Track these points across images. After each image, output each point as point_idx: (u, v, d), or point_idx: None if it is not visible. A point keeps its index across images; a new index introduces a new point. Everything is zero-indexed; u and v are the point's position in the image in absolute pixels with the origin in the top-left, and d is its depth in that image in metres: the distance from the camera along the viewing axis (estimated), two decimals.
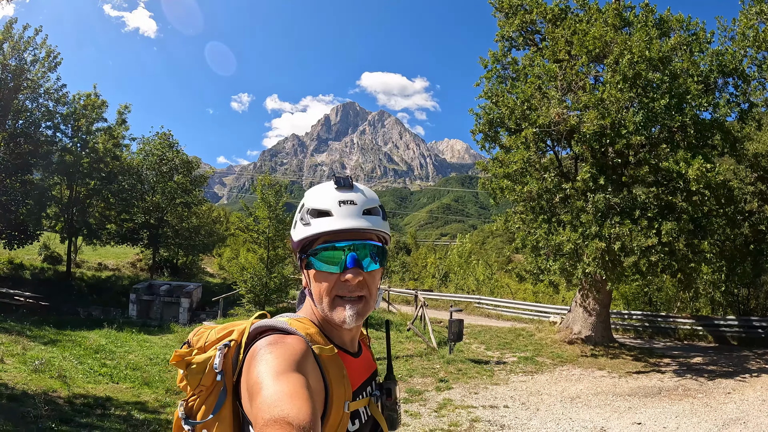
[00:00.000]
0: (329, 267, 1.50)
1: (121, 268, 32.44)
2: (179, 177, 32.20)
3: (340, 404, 1.41)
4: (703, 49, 16.15)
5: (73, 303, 23.24)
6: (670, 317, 21.85)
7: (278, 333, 1.45)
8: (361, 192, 1.58)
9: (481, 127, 17.46)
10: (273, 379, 1.23)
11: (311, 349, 1.41)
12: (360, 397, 1.54)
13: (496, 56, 18.67)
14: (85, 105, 27.64)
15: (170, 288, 24.51)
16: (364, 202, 1.55)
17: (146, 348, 15.80)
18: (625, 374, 13.99)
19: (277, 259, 21.09)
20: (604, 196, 14.26)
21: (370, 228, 1.53)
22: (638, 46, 14.23)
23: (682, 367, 14.87)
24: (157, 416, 8.63)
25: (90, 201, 27.96)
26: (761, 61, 17.68)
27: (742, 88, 16.31)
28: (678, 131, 14.79)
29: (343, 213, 1.50)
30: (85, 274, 28.30)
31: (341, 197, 1.53)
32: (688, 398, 11.30)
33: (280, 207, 21.62)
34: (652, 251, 13.57)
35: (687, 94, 14.43)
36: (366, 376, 1.63)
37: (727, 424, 9.18)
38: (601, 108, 14.13)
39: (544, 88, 15.92)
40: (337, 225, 1.49)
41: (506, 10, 19.06)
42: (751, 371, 13.98)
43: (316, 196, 1.56)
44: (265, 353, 1.33)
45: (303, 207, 1.57)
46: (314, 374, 1.36)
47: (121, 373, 11.84)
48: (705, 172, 13.08)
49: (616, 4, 17.69)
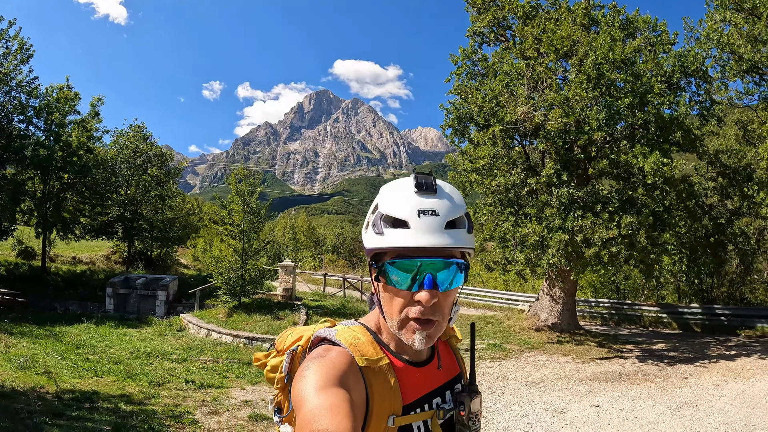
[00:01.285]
0: (401, 284, 1.38)
1: (95, 262, 32.36)
2: (153, 169, 32.18)
3: (382, 418, 1.37)
4: (667, 50, 16.59)
5: (49, 298, 23.24)
6: (636, 305, 22.47)
7: (327, 344, 1.45)
8: (446, 198, 1.40)
9: (450, 122, 17.77)
10: (314, 394, 1.23)
11: (355, 361, 1.37)
12: (417, 411, 1.46)
13: (466, 53, 18.94)
14: (58, 98, 27.42)
15: (146, 281, 24.64)
16: (447, 212, 1.37)
17: (126, 342, 16.07)
18: (588, 360, 14.54)
19: (252, 252, 21.35)
20: (568, 190, 14.80)
21: (452, 246, 1.36)
22: (602, 48, 14.72)
23: (645, 353, 15.41)
24: (143, 407, 8.98)
25: (64, 195, 27.87)
26: (725, 62, 18.40)
27: (704, 87, 16.82)
28: (640, 128, 15.36)
29: (423, 226, 1.34)
30: (60, 269, 28.21)
31: (421, 205, 1.36)
32: (646, 383, 11.83)
33: (254, 200, 21.86)
34: (612, 243, 14.18)
35: (649, 93, 14.93)
36: (433, 386, 1.53)
37: (680, 407, 9.68)
38: (566, 107, 14.62)
39: (512, 86, 16.31)
40: (413, 241, 1.34)
41: (479, 6, 19.39)
42: (710, 357, 14.53)
43: (392, 200, 1.40)
44: (307, 367, 1.32)
45: (377, 209, 1.43)
46: (357, 387, 1.33)
47: (104, 367, 12.18)
48: (661, 166, 13.61)
49: (586, 3, 18.13)
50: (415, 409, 1.45)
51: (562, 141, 15.16)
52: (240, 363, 14.01)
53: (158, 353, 14.77)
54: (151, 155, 32.76)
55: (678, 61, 16.07)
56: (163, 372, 12.49)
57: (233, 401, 10.29)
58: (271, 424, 8.85)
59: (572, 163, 15.94)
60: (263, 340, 16.55)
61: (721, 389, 11.02)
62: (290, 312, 20.19)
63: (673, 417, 9.13)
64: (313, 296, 27.22)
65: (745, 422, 8.59)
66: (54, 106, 27.18)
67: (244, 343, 16.67)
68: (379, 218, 1.39)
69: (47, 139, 27.11)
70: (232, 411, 9.53)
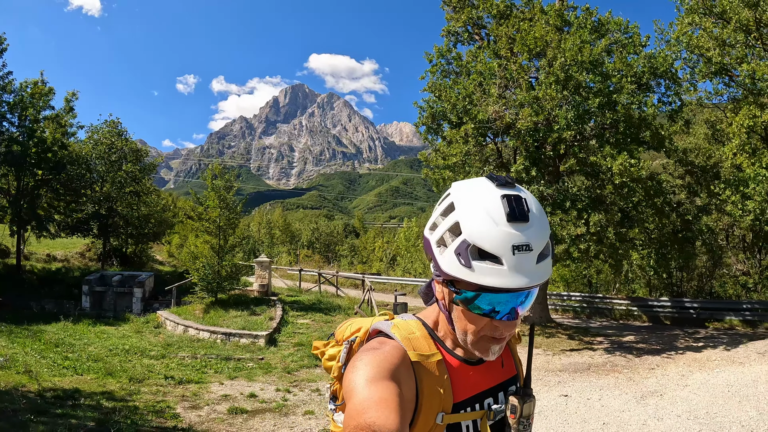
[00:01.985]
0: (486, 313, 1.34)
1: (70, 259, 32.05)
2: (128, 165, 31.92)
3: (430, 415, 1.35)
4: (638, 51, 16.92)
5: (25, 297, 22.98)
6: (607, 298, 22.88)
7: (382, 337, 1.45)
8: (537, 227, 1.29)
9: (424, 119, 18.00)
10: (364, 386, 1.23)
11: (407, 355, 1.36)
12: (467, 410, 1.43)
13: (441, 51, 19.18)
14: (33, 93, 26.95)
15: (122, 278, 24.52)
16: (540, 243, 1.28)
17: (104, 339, 16.14)
18: (559, 352, 14.88)
19: (229, 248, 21.43)
20: (538, 187, 15.12)
21: (543, 281, 1.31)
22: (571, 51, 15.03)
23: (614, 345, 15.72)
24: (125, 404, 9.18)
25: (38, 192, 27.56)
26: (695, 63, 18.91)
27: (673, 88, 17.21)
28: (609, 127, 15.75)
29: (518, 264, 1.25)
30: (35, 267, 27.92)
31: (516, 240, 1.25)
32: (614, 373, 12.17)
33: (230, 196, 21.92)
34: (581, 240, 14.57)
35: (618, 93, 15.28)
36: (487, 386, 1.50)
37: (645, 396, 10.00)
38: (535, 106, 14.92)
39: (485, 85, 16.57)
40: (508, 282, 1.25)
41: (454, 5, 19.65)
42: (677, 349, 14.87)
43: (480, 226, 1.27)
44: (359, 359, 1.33)
45: (459, 232, 1.30)
46: (408, 382, 1.32)
47: (83, 365, 12.31)
48: (628, 167, 13.98)
49: (560, 4, 18.47)
50: (465, 408, 1.43)
51: (532, 139, 15.45)
52: (218, 358, 14.19)
53: (137, 350, 14.89)
54: (127, 151, 32.50)
55: (647, 63, 16.38)
56: (143, 369, 12.64)
57: (212, 396, 10.51)
58: (250, 418, 9.11)
59: (542, 161, 16.24)
60: (240, 336, 16.72)
61: (686, 379, 11.29)
62: (266, 307, 20.35)
63: (638, 405, 9.43)
64: (288, 291, 27.38)
65: (706, 410, 8.85)
66: (28, 102, 26.77)
67: (221, 339, 16.82)
68: (465, 248, 1.28)
69: (21, 135, 26.73)
70: (211, 405, 9.77)
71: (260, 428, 8.61)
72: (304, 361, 14.06)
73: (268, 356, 14.76)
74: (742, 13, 17.52)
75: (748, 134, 17.52)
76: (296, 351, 15.28)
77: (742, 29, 17.81)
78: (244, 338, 16.63)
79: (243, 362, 13.98)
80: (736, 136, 17.62)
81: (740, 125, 17.29)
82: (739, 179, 16.81)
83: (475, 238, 1.26)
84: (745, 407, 8.84)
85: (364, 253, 62.61)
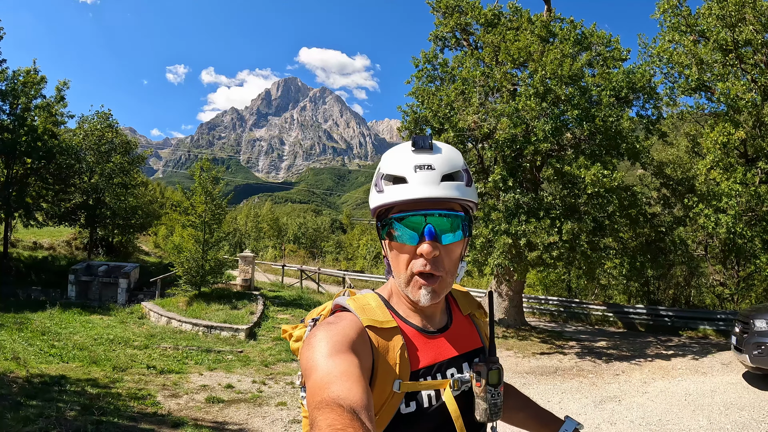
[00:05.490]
0: (404, 239, 1.42)
1: (56, 247, 32.19)
2: (117, 157, 32.03)
3: (387, 382, 1.37)
4: (618, 65, 17.23)
5: (12, 285, 23.20)
6: (584, 303, 23.18)
7: (339, 312, 1.48)
8: (442, 154, 1.44)
9: (407, 124, 18.15)
10: (324, 361, 1.23)
11: (362, 323, 1.40)
12: (427, 378, 1.45)
13: (427, 56, 19.30)
14: (25, 81, 27.02)
15: (108, 269, 24.77)
16: (443, 166, 1.41)
17: (90, 329, 16.42)
18: (529, 354, 15.14)
19: (213, 242, 21.70)
20: (514, 195, 15.47)
21: (450, 197, 1.40)
22: (552, 64, 15.39)
23: (585, 349, 15.97)
24: (108, 390, 9.61)
25: (27, 180, 27.65)
26: (676, 79, 19.40)
27: (652, 103, 17.53)
28: (586, 139, 16.19)
29: (420, 180, 1.39)
30: (21, 255, 28.07)
31: (418, 161, 1.40)
32: (579, 377, 12.47)
33: (216, 192, 22.18)
34: (554, 247, 15.03)
35: (597, 105, 15.67)
36: (447, 356, 1.51)
37: (603, 401, 10.33)
38: (514, 117, 15.26)
39: (467, 93, 16.83)
40: (411, 194, 1.38)
41: (443, 10, 19.87)
42: (647, 356, 15.12)
43: (391, 160, 1.45)
44: (315, 335, 1.33)
45: (379, 171, 1.48)
46: (364, 350, 1.34)
47: (69, 353, 12.66)
48: (601, 177, 14.36)
49: (547, 15, 18.83)
50: (425, 377, 1.44)
51: (509, 149, 15.79)
52: (199, 350, 14.52)
53: (121, 340, 15.22)
54: (117, 143, 32.69)
55: (626, 77, 16.67)
56: (126, 358, 13.01)
57: (192, 385, 10.93)
58: (226, 407, 9.57)
59: (519, 170, 16.58)
60: (221, 329, 17.10)
61: (647, 386, 11.57)
62: (248, 302, 20.68)
63: (595, 410, 9.75)
64: (271, 286, 27.73)
65: (660, 417, 9.13)
66: (20, 90, 26.83)
67: (203, 332, 17.18)
68: (380, 177, 1.45)
69: (11, 123, 26.74)
70: (190, 394, 10.20)
71: (235, 417, 9.03)
72: (282, 355, 14.42)
73: (247, 349, 15.12)
74: (720, 34, 18.03)
75: (723, 150, 17.89)
76: (275, 345, 15.66)
77: (720, 49, 18.31)
78: (225, 331, 17.03)
79: (223, 354, 14.33)
80: (711, 152, 18.03)
81: (714, 141, 17.72)
82: (713, 193, 17.24)
83: (386, 168, 1.45)
84: (697, 416, 9.12)
85: (349, 250, 62.20)
